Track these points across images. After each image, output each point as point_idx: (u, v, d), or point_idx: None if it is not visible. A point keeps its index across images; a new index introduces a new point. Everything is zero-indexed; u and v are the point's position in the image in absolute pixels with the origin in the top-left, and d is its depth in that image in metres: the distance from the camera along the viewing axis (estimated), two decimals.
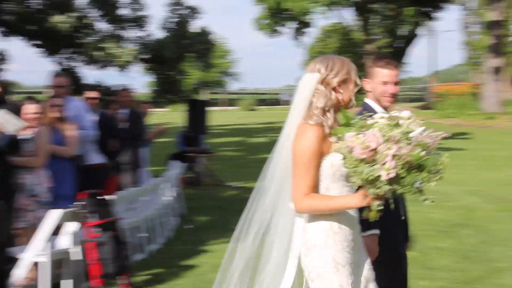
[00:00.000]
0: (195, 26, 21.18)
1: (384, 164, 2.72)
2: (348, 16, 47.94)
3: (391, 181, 2.75)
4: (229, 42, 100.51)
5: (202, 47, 20.88)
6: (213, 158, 14.87)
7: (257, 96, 69.92)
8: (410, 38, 44.25)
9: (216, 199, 11.65)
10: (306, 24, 41.87)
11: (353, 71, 3.17)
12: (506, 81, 46.40)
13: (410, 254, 7.16)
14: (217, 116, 33.17)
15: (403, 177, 2.74)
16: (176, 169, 10.42)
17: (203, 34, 20.98)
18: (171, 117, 32.82)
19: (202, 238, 8.33)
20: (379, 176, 2.73)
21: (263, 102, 65.18)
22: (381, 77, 3.85)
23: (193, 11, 20.87)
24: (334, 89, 3.11)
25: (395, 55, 43.55)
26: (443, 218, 9.21)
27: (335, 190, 3.08)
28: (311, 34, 51.41)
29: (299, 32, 42.49)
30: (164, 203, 8.82)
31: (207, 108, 14.52)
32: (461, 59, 66.28)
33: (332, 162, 3.02)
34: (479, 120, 29.75)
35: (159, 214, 8.32)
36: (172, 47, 19.68)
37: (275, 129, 31.68)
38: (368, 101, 3.89)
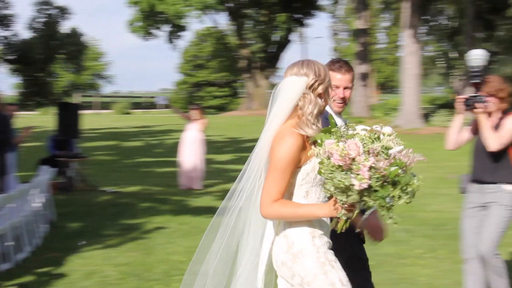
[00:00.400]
0: (65, 26, 20.53)
1: (358, 174, 2.72)
2: (222, 21, 48.41)
3: (362, 192, 2.75)
4: (102, 44, 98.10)
5: (73, 48, 20.30)
6: (85, 163, 14.44)
7: (132, 99, 68.82)
8: (283, 43, 45.38)
9: (88, 205, 11.31)
10: (180, 28, 41.78)
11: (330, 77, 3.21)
12: (372, 87, 48.75)
13: None
14: (90, 120, 32.29)
15: (375, 190, 2.75)
16: (46, 174, 10.01)
17: (74, 35, 20.40)
18: (41, 120, 31.56)
19: (73, 245, 8.05)
20: (351, 185, 2.73)
21: (138, 105, 64.28)
22: (332, 81, 3.83)
23: (63, 11, 20.23)
24: (319, 95, 3.10)
25: (268, 60, 44.52)
26: None
27: (315, 194, 3.08)
28: (186, 38, 51.41)
29: (173, 35, 42.32)
30: (33, 209, 8.44)
31: (80, 111, 14.08)
32: None
33: (314, 167, 2.99)
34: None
35: (27, 221, 7.95)
36: (40, 48, 18.96)
37: (150, 133, 31.36)
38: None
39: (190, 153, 13.17)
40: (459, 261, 6.52)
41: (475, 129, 5.16)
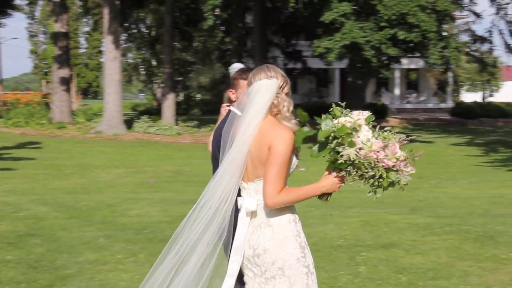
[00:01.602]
0: None
1: (402, 170, 3.29)
2: None
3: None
4: None
5: None
6: None
7: None
8: None
9: None
10: None
11: None
12: (74, 92, 47.82)
13: None
14: None
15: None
16: None
17: None
18: None
19: None
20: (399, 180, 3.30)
21: None
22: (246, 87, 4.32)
23: None
24: (286, 94, 3.49)
25: None
26: (10, 229, 8.95)
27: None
28: None
29: None
30: None
31: None
32: (29, 68, 66.08)
33: (292, 162, 3.43)
34: (48, 130, 29.95)
35: None
36: None
37: None
38: (234, 109, 4.26)
39: None
40: None
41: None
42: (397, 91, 47.75)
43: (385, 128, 3.39)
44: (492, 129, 36.71)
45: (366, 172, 3.27)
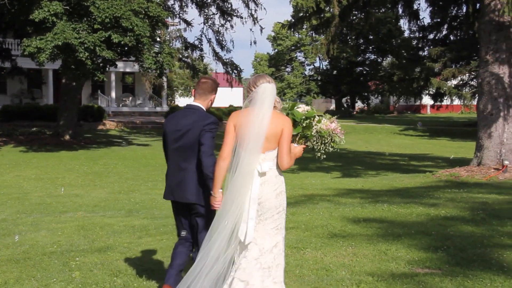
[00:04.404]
0: None
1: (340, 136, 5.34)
2: None
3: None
4: None
5: None
6: None
7: None
8: None
9: None
10: None
11: None
12: None
13: None
14: None
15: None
16: None
17: None
18: None
19: None
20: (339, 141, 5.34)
21: None
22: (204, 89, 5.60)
23: None
24: None
25: None
26: None
27: None
28: None
29: None
30: None
31: None
32: None
33: None
34: None
35: None
36: None
37: None
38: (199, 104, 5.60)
39: None
40: None
41: None
42: (113, 94, 47.66)
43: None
44: None
45: (326, 138, 5.20)
